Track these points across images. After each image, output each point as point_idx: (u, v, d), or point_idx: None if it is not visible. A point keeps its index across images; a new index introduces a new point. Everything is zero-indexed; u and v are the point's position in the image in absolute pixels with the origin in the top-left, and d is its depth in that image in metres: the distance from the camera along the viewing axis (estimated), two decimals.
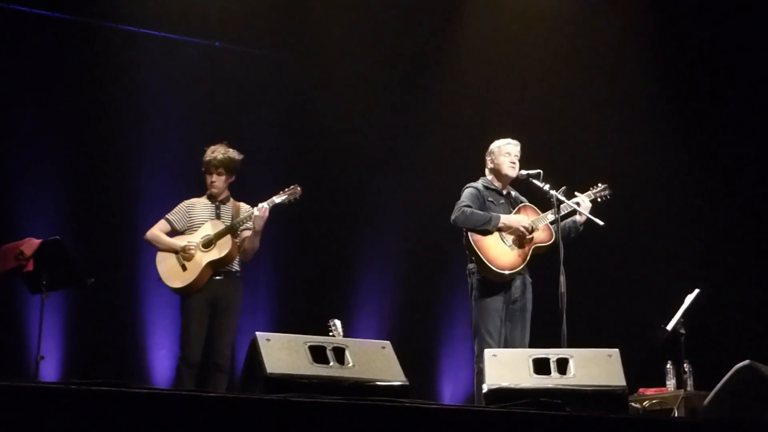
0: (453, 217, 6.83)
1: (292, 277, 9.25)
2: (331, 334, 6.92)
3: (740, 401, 5.00)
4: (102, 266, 7.87)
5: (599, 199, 7.05)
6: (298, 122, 9.52)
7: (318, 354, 4.65)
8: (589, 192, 7.04)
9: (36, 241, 6.76)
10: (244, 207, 7.11)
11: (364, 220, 9.63)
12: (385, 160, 9.76)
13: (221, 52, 9.35)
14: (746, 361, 5.11)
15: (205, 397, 3.59)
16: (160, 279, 6.89)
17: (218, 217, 7.00)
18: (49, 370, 7.92)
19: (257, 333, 4.66)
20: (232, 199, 7.12)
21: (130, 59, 8.85)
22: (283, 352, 4.58)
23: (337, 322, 7.06)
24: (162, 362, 8.47)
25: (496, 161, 6.99)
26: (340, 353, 4.70)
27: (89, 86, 8.67)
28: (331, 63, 9.56)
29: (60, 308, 8.10)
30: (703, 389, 7.06)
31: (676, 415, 7.24)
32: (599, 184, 7.11)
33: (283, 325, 8.42)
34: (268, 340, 4.62)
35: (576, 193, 6.87)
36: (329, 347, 4.71)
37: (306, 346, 4.65)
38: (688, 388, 7.53)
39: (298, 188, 7.06)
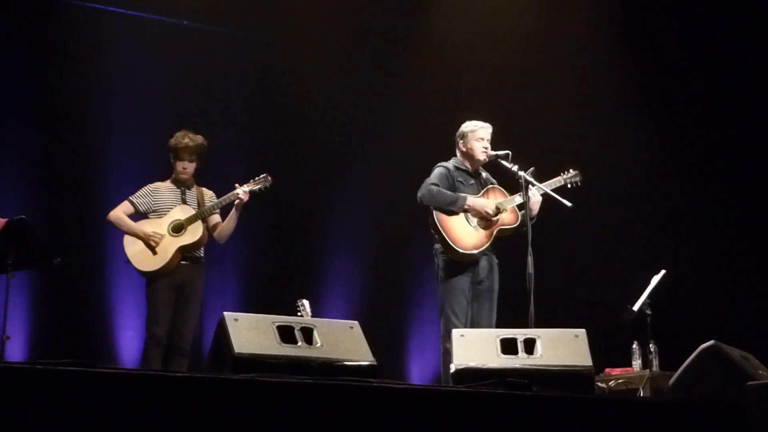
0: (419, 194, 6.84)
1: (261, 257, 9.24)
2: (299, 314, 6.92)
3: (705, 381, 5.04)
4: (69, 246, 7.82)
5: (569, 185, 7.07)
6: (267, 102, 9.48)
7: (286, 334, 4.65)
8: (559, 177, 7.05)
9: (1, 221, 6.68)
10: (208, 192, 7.13)
11: (332, 201, 9.62)
12: (354, 140, 9.76)
13: (190, 31, 9.27)
14: (711, 342, 5.15)
15: (173, 377, 3.59)
16: (128, 261, 6.86)
17: (184, 202, 6.98)
18: (15, 351, 7.86)
19: (225, 313, 4.65)
20: (195, 185, 7.11)
21: (97, 38, 8.77)
22: (251, 332, 4.57)
23: (306, 302, 7.06)
24: (129, 342, 8.44)
25: (468, 145, 6.98)
26: (308, 333, 4.70)
27: (55, 65, 8.59)
28: (302, 42, 9.52)
29: (26, 288, 8.04)
30: (668, 369, 7.12)
31: (641, 394, 7.30)
32: (570, 170, 7.12)
33: (251, 305, 8.42)
34: (235, 320, 4.61)
35: (531, 183, 6.81)
36: (297, 327, 4.71)
37: (274, 326, 4.65)
38: (654, 368, 7.59)
39: (269, 177, 7.07)
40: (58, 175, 8.54)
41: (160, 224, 6.86)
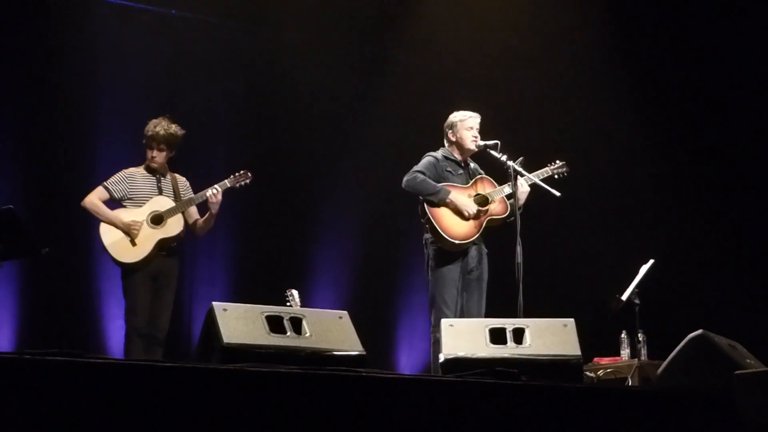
0: (404, 179, 6.86)
1: (250, 247, 9.22)
2: (288, 304, 6.92)
3: (693, 370, 5.06)
4: (56, 236, 7.79)
5: (556, 176, 7.08)
6: (255, 91, 9.45)
7: (275, 324, 4.65)
8: (547, 168, 7.07)
9: None
10: (182, 179, 7.08)
11: (321, 191, 9.61)
12: (342, 130, 9.73)
13: (178, 21, 9.23)
14: (699, 331, 5.16)
15: (161, 367, 3.58)
16: (104, 250, 6.80)
17: (160, 190, 6.91)
18: (3, 341, 7.86)
19: (214, 303, 4.64)
20: (169, 172, 7.05)
21: (85, 26, 8.72)
22: (239, 322, 4.57)
23: (295, 292, 7.05)
24: (117, 332, 8.38)
25: (458, 135, 6.99)
26: (297, 323, 4.70)
27: (43, 54, 8.54)
28: (289, 32, 9.49)
29: (14, 278, 8.02)
30: (656, 358, 7.14)
31: (630, 384, 7.32)
32: (557, 161, 7.13)
33: (240, 295, 8.40)
34: (224, 309, 4.60)
35: (520, 174, 6.80)
36: (286, 317, 4.71)
37: (263, 316, 4.65)
38: (642, 358, 7.61)
39: (249, 174, 7.04)
40: (46, 165, 8.50)
41: (139, 214, 6.79)
